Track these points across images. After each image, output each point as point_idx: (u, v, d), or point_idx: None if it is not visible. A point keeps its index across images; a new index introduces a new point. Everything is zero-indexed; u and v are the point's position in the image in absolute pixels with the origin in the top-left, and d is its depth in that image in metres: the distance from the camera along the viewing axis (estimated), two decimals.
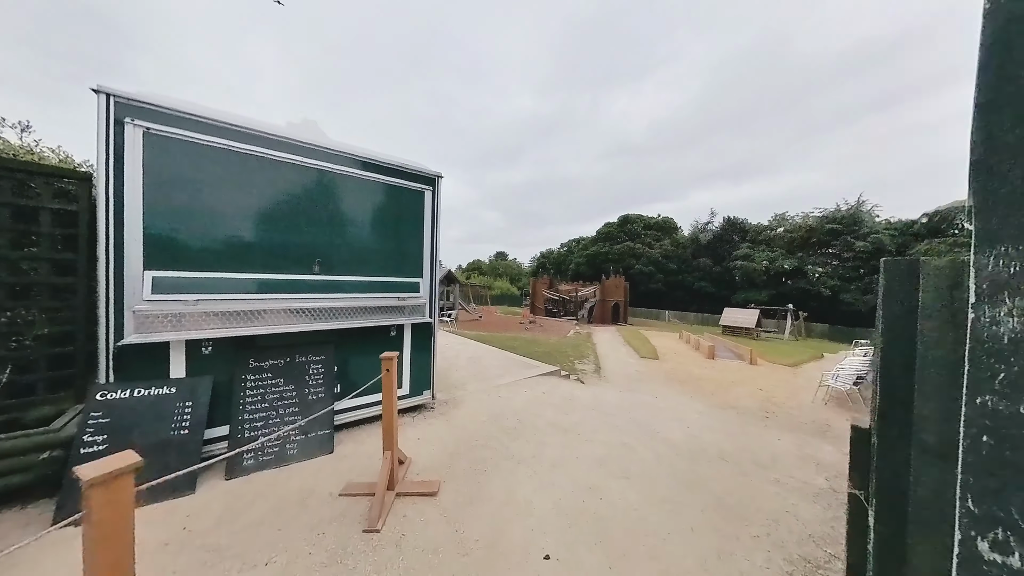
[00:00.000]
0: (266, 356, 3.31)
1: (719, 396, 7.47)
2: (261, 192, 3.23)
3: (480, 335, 13.08)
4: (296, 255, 3.43)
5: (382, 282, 4.01)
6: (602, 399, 5.74)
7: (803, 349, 18.79)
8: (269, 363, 3.31)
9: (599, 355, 11.10)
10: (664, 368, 9.99)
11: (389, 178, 4.06)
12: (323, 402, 3.46)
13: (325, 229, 3.61)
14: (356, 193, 3.83)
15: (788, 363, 13.00)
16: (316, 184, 3.55)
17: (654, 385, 7.81)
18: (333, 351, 3.67)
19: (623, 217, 48.63)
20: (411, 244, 4.28)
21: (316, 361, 3.52)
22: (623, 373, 8.76)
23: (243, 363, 3.18)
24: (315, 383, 3.48)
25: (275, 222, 3.31)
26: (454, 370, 6.71)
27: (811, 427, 6.00)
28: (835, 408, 7.45)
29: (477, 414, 4.55)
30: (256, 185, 3.21)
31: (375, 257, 3.97)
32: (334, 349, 3.68)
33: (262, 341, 3.30)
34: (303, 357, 3.48)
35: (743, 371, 10.67)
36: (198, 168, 2.94)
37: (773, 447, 4.50)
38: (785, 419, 6.32)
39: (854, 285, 33.03)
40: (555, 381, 6.54)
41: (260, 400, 3.20)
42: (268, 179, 3.27)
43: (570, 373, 7.32)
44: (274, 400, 3.25)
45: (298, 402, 3.36)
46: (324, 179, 3.60)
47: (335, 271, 3.67)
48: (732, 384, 8.87)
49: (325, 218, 3.61)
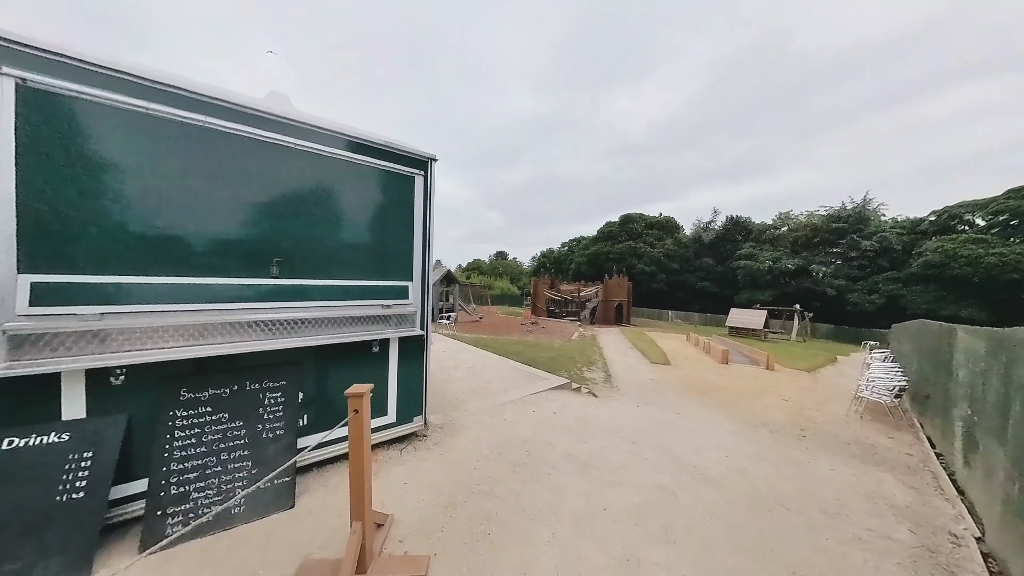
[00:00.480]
0: (205, 384, 2.56)
1: (745, 409, 6.75)
2: (198, 171, 2.48)
3: (480, 338, 12.33)
4: (247, 253, 2.67)
5: (361, 287, 3.26)
6: (621, 419, 5.01)
7: (815, 351, 18.12)
8: (209, 393, 2.55)
9: (607, 361, 10.37)
10: (678, 376, 9.26)
11: (371, 159, 3.30)
12: (282, 441, 2.71)
13: (287, 221, 2.85)
14: (329, 176, 3.08)
15: (805, 368, 12.30)
16: (276, 163, 2.80)
17: (672, 397, 7.08)
18: (298, 374, 2.91)
19: (624, 216, 47.93)
20: (398, 240, 3.52)
21: (274, 388, 2.77)
22: (636, 382, 8.02)
23: (172, 395, 2.43)
24: (272, 416, 2.73)
25: (218, 210, 2.55)
26: (452, 383, 5.97)
27: (856, 449, 5.29)
28: (872, 423, 6.74)
29: (478, 444, 3.80)
30: (192, 162, 2.45)
31: (353, 256, 3.22)
32: (299, 372, 2.93)
33: (200, 365, 2.54)
34: (257, 384, 2.72)
35: (761, 378, 9.96)
36: (105, 136, 2.18)
37: (830, 482, 3.78)
38: (824, 438, 5.61)
39: (860, 285, 32.42)
40: (566, 397, 5.80)
41: (195, 443, 2.44)
42: (209, 154, 2.51)
43: (581, 385, 6.58)
44: (215, 442, 2.50)
45: (248, 443, 2.60)
46: (287, 158, 2.85)
47: (300, 273, 2.92)
48: (754, 394, 8.15)
49: (287, 207, 2.86)
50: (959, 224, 30.67)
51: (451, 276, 20.10)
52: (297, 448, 2.79)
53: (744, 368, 11.12)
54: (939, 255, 26.91)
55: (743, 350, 14.11)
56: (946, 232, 30.09)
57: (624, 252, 42.66)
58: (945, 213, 31.28)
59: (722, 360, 11.79)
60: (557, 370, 7.98)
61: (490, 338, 12.76)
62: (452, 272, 20.49)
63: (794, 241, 37.64)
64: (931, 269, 27.50)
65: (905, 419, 6.84)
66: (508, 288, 49.50)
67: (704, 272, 40.95)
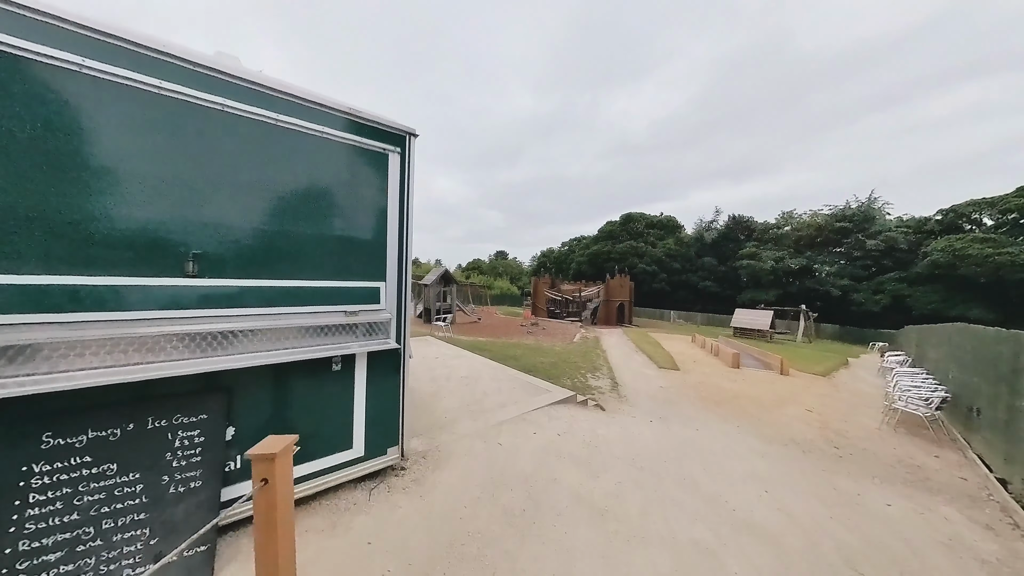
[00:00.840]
0: (82, 425, 1.85)
1: (768, 423, 6.09)
2: (77, 130, 1.78)
3: (478, 341, 11.64)
4: (149, 244, 1.97)
5: (317, 288, 2.57)
6: (636, 440, 4.33)
7: (824, 353, 17.48)
8: (88, 437, 1.85)
9: (612, 365, 9.69)
10: (689, 382, 8.59)
11: (331, 130, 2.61)
12: (198, 496, 2.02)
13: (214, 202, 2.16)
14: (276, 149, 2.38)
15: (819, 372, 11.65)
16: (199, 128, 2.10)
17: (687, 408, 6.40)
18: (224, 405, 2.21)
19: (625, 215, 47.34)
20: (366, 231, 2.83)
21: (189, 425, 2.07)
22: (646, 392, 7.34)
23: (25, 444, 1.73)
24: (185, 463, 2.03)
25: (105, 183, 1.85)
26: (443, 397, 5.27)
27: (903, 472, 4.64)
28: (908, 437, 6.08)
29: (467, 481, 3.11)
30: (67, 118, 1.76)
31: (305, 250, 2.52)
32: (227, 401, 2.23)
33: (76, 398, 1.85)
34: (163, 420, 2.02)
35: (777, 384, 9.30)
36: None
37: (894, 524, 3.14)
38: (864, 459, 4.95)
39: (864, 284, 31.83)
40: (571, 413, 5.11)
41: (63, 509, 1.75)
42: (95, 109, 1.82)
43: (587, 398, 5.89)
44: (93, 505, 1.80)
45: (147, 503, 1.91)
46: (214, 122, 2.15)
47: (230, 271, 2.22)
48: (774, 404, 7.49)
49: (215, 185, 2.16)
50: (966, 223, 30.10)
51: (449, 276, 19.40)
52: (221, 502, 2.10)
53: (757, 373, 10.46)
54: (947, 255, 26.30)
55: (753, 353, 13.46)
56: (953, 231, 29.50)
57: (625, 251, 42.04)
58: (952, 212, 30.69)
59: (733, 364, 11.14)
60: (560, 378, 7.30)
61: (488, 341, 12.07)
62: (450, 272, 19.79)
63: (797, 240, 37.05)
64: (938, 269, 26.89)
65: (943, 433, 6.18)
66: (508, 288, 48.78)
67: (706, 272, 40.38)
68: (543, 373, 7.46)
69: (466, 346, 9.99)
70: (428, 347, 9.50)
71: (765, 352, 13.23)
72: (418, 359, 7.85)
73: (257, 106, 2.31)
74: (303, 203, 2.52)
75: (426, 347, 9.48)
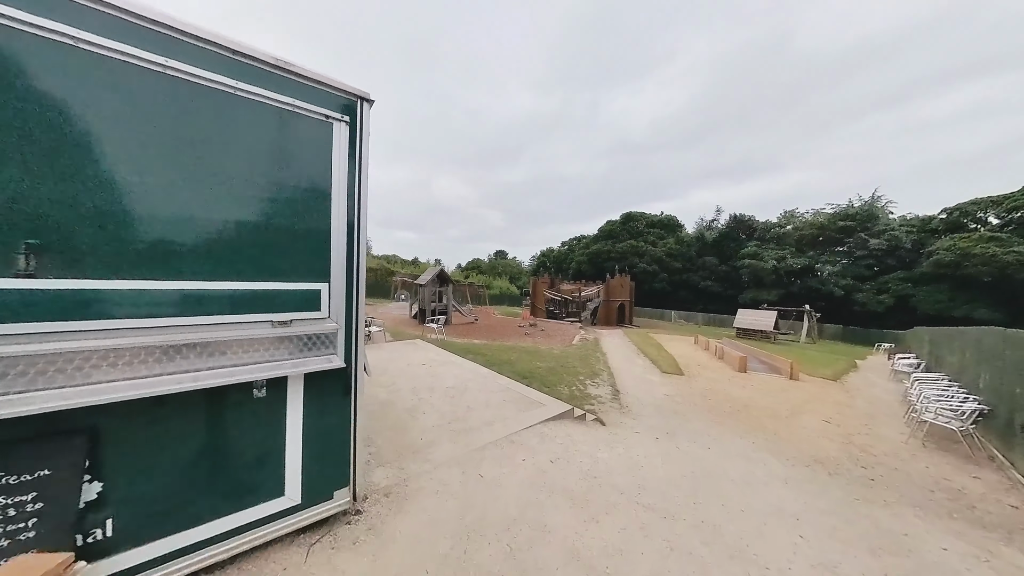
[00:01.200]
0: None
1: (785, 438, 5.51)
2: None
3: (472, 344, 11.03)
4: None
5: (229, 292, 1.96)
6: (642, 467, 3.72)
7: (830, 355, 16.96)
8: None
9: (613, 371, 9.10)
10: (696, 390, 8.00)
11: (252, 87, 2.00)
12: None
13: (61, 174, 1.56)
14: (166, 107, 1.78)
15: (829, 376, 11.10)
16: (39, 68, 1.50)
17: (696, 422, 5.80)
18: (80, 453, 1.60)
19: (626, 215, 46.81)
20: (302, 221, 2.21)
21: (20, 485, 1.46)
22: (650, 401, 6.75)
23: None
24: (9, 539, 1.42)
25: None
26: (422, 414, 4.66)
27: (946, 500, 4.08)
28: (940, 454, 5.52)
29: (435, 530, 2.49)
30: None
31: (213, 242, 1.92)
32: (85, 448, 1.62)
33: None
34: None
35: (788, 391, 8.73)
36: None
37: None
38: (898, 483, 4.38)
39: (868, 284, 31.31)
40: (567, 431, 4.51)
41: None
42: None
43: (586, 411, 5.29)
44: None
45: None
46: (69, 62, 1.55)
47: (91, 268, 1.62)
48: (789, 414, 6.91)
49: (58, 147, 1.56)
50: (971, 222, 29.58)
51: (444, 275, 18.74)
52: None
53: (766, 378, 9.88)
54: (952, 254, 25.76)
55: (760, 356, 12.88)
56: (957, 230, 28.98)
57: (625, 251, 41.51)
58: (956, 210, 30.18)
59: (739, 368, 10.56)
60: (556, 385, 6.71)
61: (483, 343, 11.46)
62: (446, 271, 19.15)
63: (799, 239, 36.54)
64: (943, 268, 26.35)
65: (979, 449, 5.60)
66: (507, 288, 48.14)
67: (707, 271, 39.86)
68: (539, 380, 6.86)
69: (458, 350, 9.37)
70: (416, 352, 8.89)
71: (771, 355, 12.65)
72: (401, 367, 7.23)
73: (138, 47, 1.70)
74: (210, 181, 1.90)
75: (413, 352, 8.87)
